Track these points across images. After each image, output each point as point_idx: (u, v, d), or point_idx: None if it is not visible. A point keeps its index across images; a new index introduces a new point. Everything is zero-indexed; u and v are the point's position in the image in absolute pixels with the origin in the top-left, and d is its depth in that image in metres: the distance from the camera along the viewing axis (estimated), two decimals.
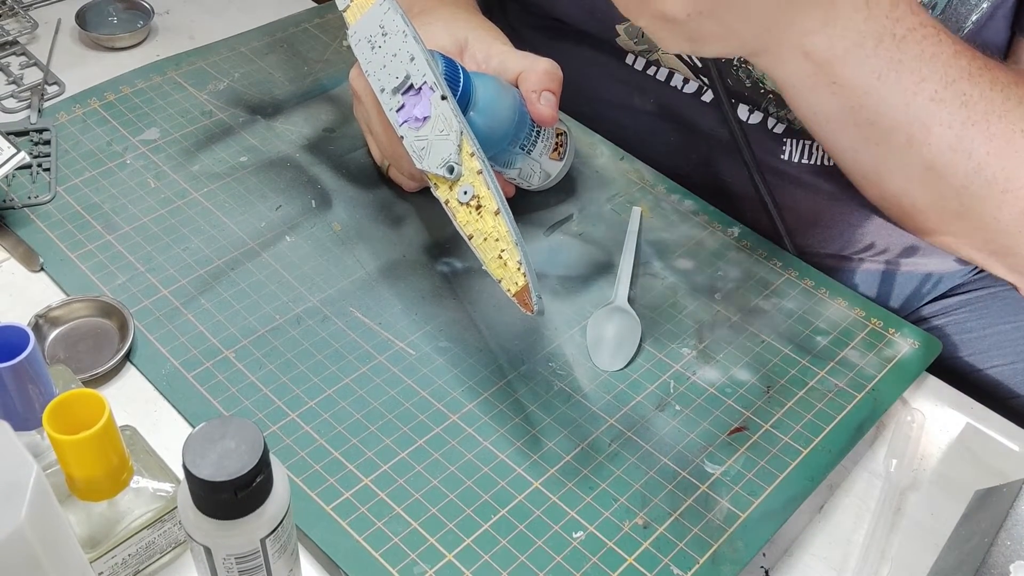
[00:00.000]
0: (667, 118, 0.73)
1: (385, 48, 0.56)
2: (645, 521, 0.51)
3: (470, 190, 0.52)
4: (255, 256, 0.63)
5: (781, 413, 0.57)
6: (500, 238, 0.51)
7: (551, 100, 0.62)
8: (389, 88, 0.55)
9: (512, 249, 0.50)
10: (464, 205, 0.52)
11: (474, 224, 0.52)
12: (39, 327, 0.57)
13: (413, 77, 0.54)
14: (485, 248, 0.51)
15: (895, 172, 0.58)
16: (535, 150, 0.64)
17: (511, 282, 0.50)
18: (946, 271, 0.77)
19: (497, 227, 0.51)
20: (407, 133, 0.55)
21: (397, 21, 0.55)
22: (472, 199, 0.52)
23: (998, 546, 0.47)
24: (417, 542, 0.49)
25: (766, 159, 0.71)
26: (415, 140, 0.54)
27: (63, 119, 0.72)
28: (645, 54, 0.72)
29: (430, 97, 0.54)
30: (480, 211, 0.51)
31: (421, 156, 0.54)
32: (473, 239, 0.52)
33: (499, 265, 0.51)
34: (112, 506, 0.44)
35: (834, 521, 0.54)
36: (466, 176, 0.52)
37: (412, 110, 0.54)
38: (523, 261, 0.50)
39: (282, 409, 0.55)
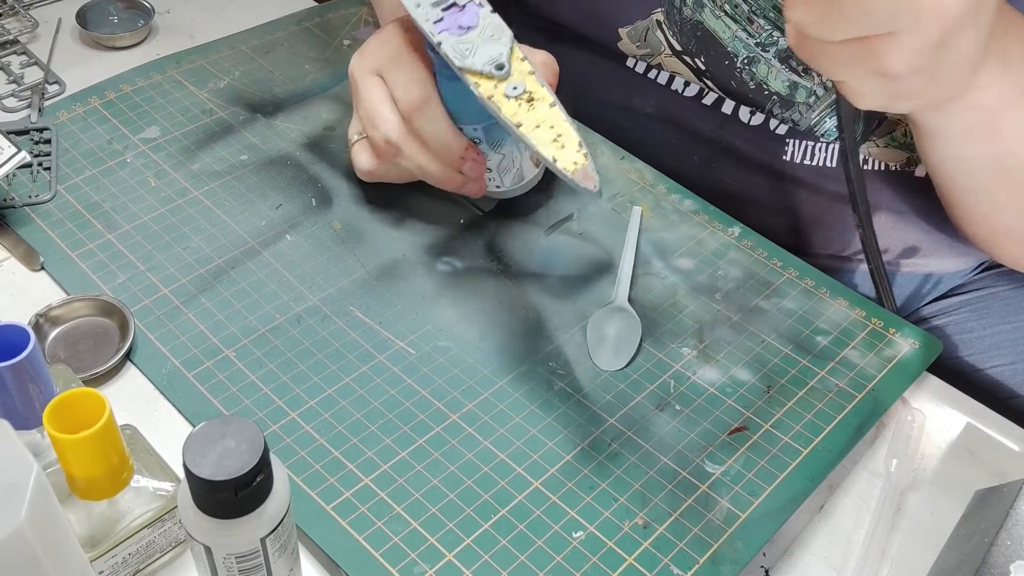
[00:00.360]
0: (667, 121, 0.73)
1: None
2: (645, 521, 0.51)
3: (520, 86, 0.52)
4: (255, 255, 0.63)
5: (781, 413, 0.57)
6: (555, 125, 0.51)
7: None
8: (427, 2, 0.55)
9: (571, 133, 0.51)
10: (512, 99, 0.52)
11: (524, 115, 0.52)
12: (39, 326, 0.57)
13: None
14: (538, 134, 0.51)
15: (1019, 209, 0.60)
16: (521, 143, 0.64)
17: (569, 161, 0.50)
18: (946, 272, 0.77)
19: (554, 116, 0.51)
20: (446, 39, 0.54)
21: None
22: (523, 94, 0.52)
23: (998, 546, 0.47)
24: (417, 542, 0.49)
25: (767, 160, 0.71)
26: (457, 43, 0.54)
27: (63, 118, 0.72)
28: (647, 58, 0.72)
29: (476, 12, 0.54)
30: (532, 103, 0.52)
31: (464, 55, 0.53)
32: (523, 127, 0.52)
33: (556, 147, 0.51)
34: (112, 505, 0.44)
35: (834, 521, 0.54)
36: (515, 76, 0.53)
37: (455, 22, 0.54)
38: (583, 143, 0.50)
39: (282, 408, 0.55)
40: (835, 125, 0.68)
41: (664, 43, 0.69)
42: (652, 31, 0.69)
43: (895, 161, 0.69)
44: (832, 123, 0.68)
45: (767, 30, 0.65)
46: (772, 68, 0.67)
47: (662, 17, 0.69)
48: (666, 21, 0.69)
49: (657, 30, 0.69)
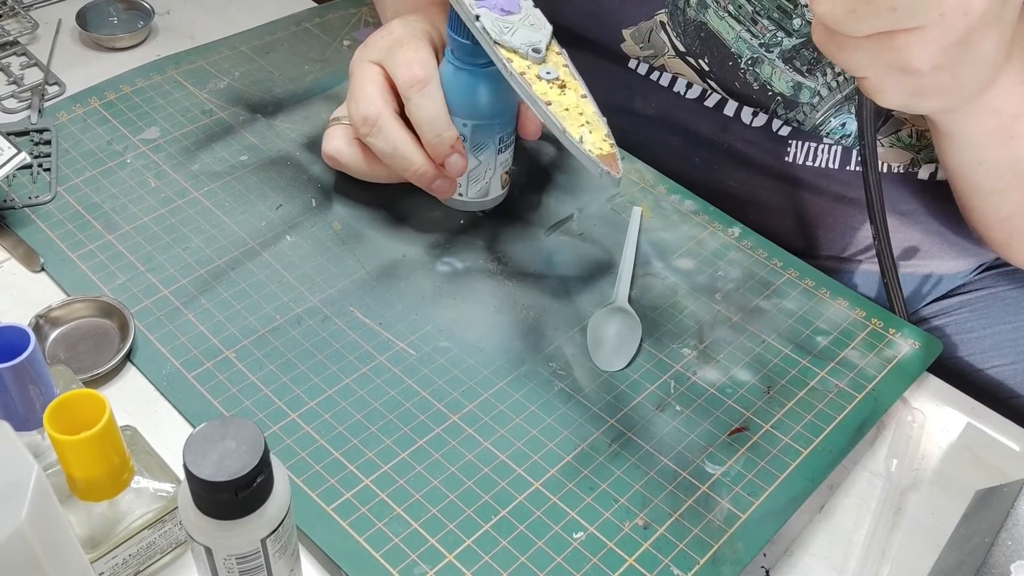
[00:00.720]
0: (669, 123, 0.73)
1: None
2: (645, 522, 0.51)
3: (554, 72, 0.53)
4: (255, 256, 0.63)
5: (781, 413, 0.57)
6: (584, 112, 0.52)
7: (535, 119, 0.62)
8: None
9: (598, 123, 0.51)
10: (543, 81, 0.53)
11: (554, 96, 0.52)
12: (40, 327, 0.57)
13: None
14: (567, 116, 0.52)
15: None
16: (502, 156, 0.63)
17: (595, 147, 0.51)
18: (946, 272, 0.77)
19: (582, 105, 0.52)
20: (486, 14, 0.54)
21: None
22: (556, 79, 0.53)
23: (999, 546, 0.47)
24: (418, 543, 0.49)
25: (769, 161, 0.71)
26: (495, 22, 0.54)
27: (63, 119, 0.72)
28: (649, 59, 0.71)
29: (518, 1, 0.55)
30: (564, 90, 0.52)
31: (503, 31, 0.54)
32: (552, 106, 0.52)
33: (583, 131, 0.51)
34: (113, 506, 0.44)
35: (835, 521, 0.54)
36: (550, 63, 0.53)
37: (497, 3, 0.55)
38: (610, 135, 0.51)
39: (282, 409, 0.55)
40: (841, 124, 0.68)
41: (668, 44, 0.69)
42: (656, 32, 0.69)
43: (899, 161, 0.69)
44: (837, 122, 0.68)
45: (771, 31, 0.65)
46: (776, 69, 0.67)
47: (666, 18, 0.69)
48: (670, 22, 0.69)
49: (661, 31, 0.69)
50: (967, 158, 0.59)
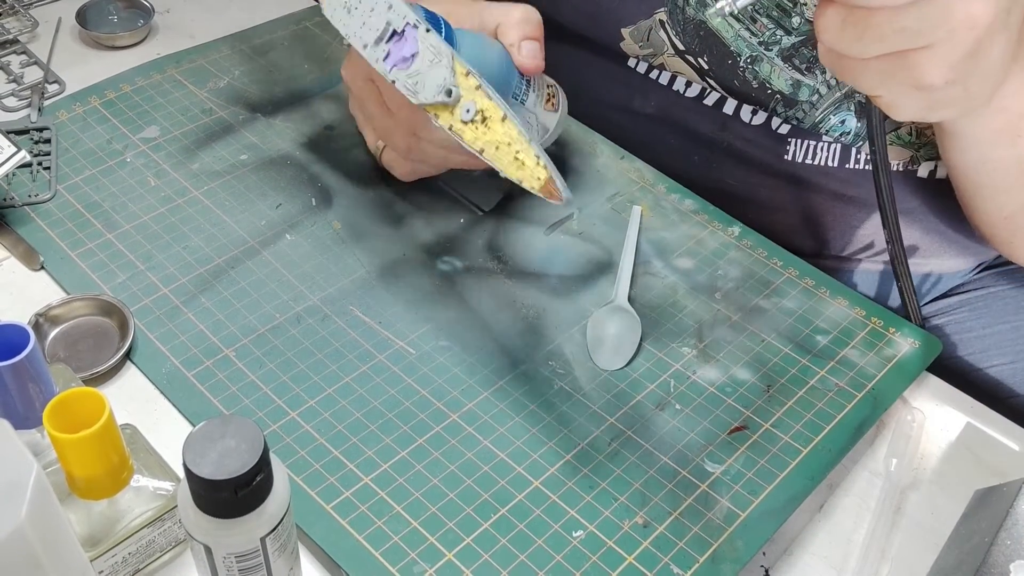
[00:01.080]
0: (668, 121, 0.73)
1: (361, 7, 0.55)
2: (645, 520, 0.51)
3: (471, 106, 0.51)
4: (255, 254, 0.63)
5: (781, 412, 0.57)
6: (512, 141, 0.50)
7: (532, 48, 0.61)
8: (371, 41, 0.54)
9: (526, 147, 0.50)
10: (468, 124, 0.51)
11: (483, 138, 0.51)
12: (39, 326, 0.57)
13: (394, 23, 0.53)
14: (499, 156, 0.51)
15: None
16: (528, 100, 0.63)
17: (533, 178, 0.50)
18: (946, 271, 0.77)
19: (507, 132, 0.50)
20: (398, 76, 0.53)
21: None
22: (476, 115, 0.51)
23: (998, 545, 0.47)
24: (417, 541, 0.49)
25: (769, 160, 0.71)
26: (407, 79, 0.53)
27: (63, 117, 0.72)
28: (649, 58, 0.71)
29: (415, 35, 0.53)
30: (487, 123, 0.51)
31: (416, 91, 0.53)
32: (485, 152, 0.51)
33: (517, 167, 0.50)
34: (112, 505, 0.44)
35: (834, 520, 0.54)
36: (465, 95, 0.51)
37: (399, 52, 0.53)
38: (540, 154, 0.49)
39: (282, 408, 0.55)
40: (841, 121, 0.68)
41: (667, 43, 0.69)
42: (655, 31, 0.69)
43: (899, 159, 0.69)
44: (836, 119, 0.68)
45: (770, 29, 0.65)
46: (775, 67, 0.67)
47: (665, 17, 0.69)
48: (669, 20, 0.69)
49: (660, 30, 0.69)
50: (972, 157, 0.59)
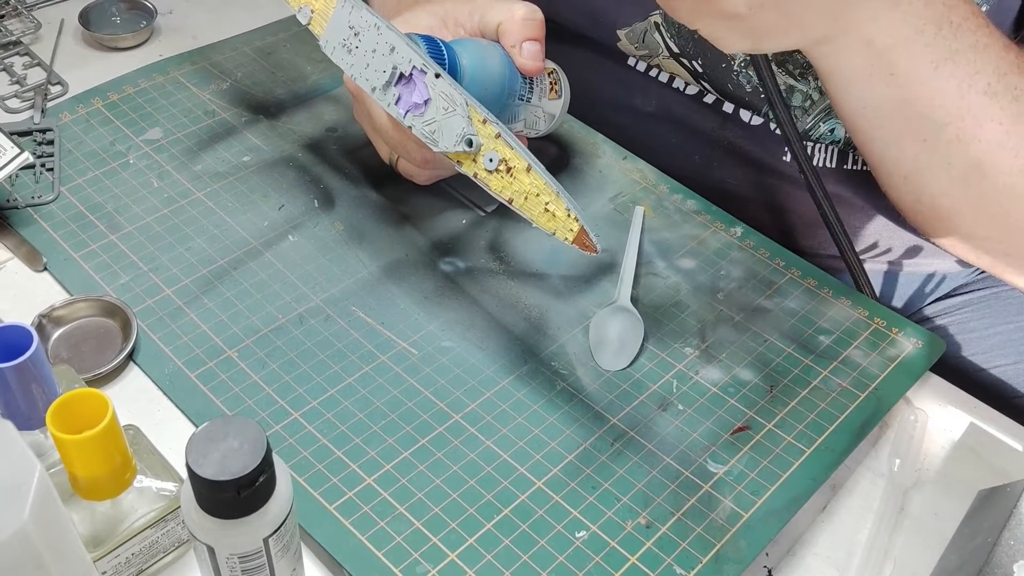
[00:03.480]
0: (669, 120, 0.73)
1: (362, 47, 0.55)
2: (648, 521, 0.51)
3: (494, 156, 0.51)
4: (258, 255, 0.63)
5: (784, 413, 0.57)
6: (540, 192, 0.50)
7: (533, 50, 0.60)
8: (380, 85, 0.54)
9: (556, 199, 0.50)
10: (494, 172, 0.52)
11: (510, 187, 0.51)
12: (42, 327, 0.57)
13: (400, 66, 0.53)
14: (529, 206, 0.51)
15: (939, 170, 0.57)
16: (533, 97, 0.64)
17: (565, 230, 0.50)
18: (949, 271, 0.77)
19: (534, 182, 0.50)
20: (414, 122, 0.54)
21: (365, 16, 0.54)
22: (500, 164, 0.51)
23: (1002, 546, 0.47)
24: (420, 541, 0.49)
25: (768, 161, 0.71)
26: (424, 126, 0.53)
27: (66, 119, 0.72)
28: (646, 59, 0.71)
29: (424, 80, 0.53)
30: (511, 172, 0.51)
31: (435, 140, 0.53)
32: (514, 201, 0.51)
33: (548, 218, 0.50)
34: (115, 505, 0.44)
35: (837, 521, 0.54)
36: (486, 144, 0.51)
37: (410, 98, 0.54)
38: (571, 207, 0.49)
39: (285, 409, 0.55)
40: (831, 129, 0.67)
41: (662, 45, 0.69)
42: (650, 33, 0.69)
43: None
44: (826, 127, 0.67)
45: None
46: None
47: (660, 19, 0.69)
48: (664, 23, 0.69)
49: (655, 32, 0.69)
50: (852, 102, 0.56)
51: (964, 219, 0.59)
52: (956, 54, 0.51)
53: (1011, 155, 0.54)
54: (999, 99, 0.52)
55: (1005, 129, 0.53)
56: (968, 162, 0.55)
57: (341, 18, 0.55)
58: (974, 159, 0.55)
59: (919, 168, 0.58)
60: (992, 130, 0.53)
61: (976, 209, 0.58)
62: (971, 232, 0.60)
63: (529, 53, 0.60)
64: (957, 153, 0.55)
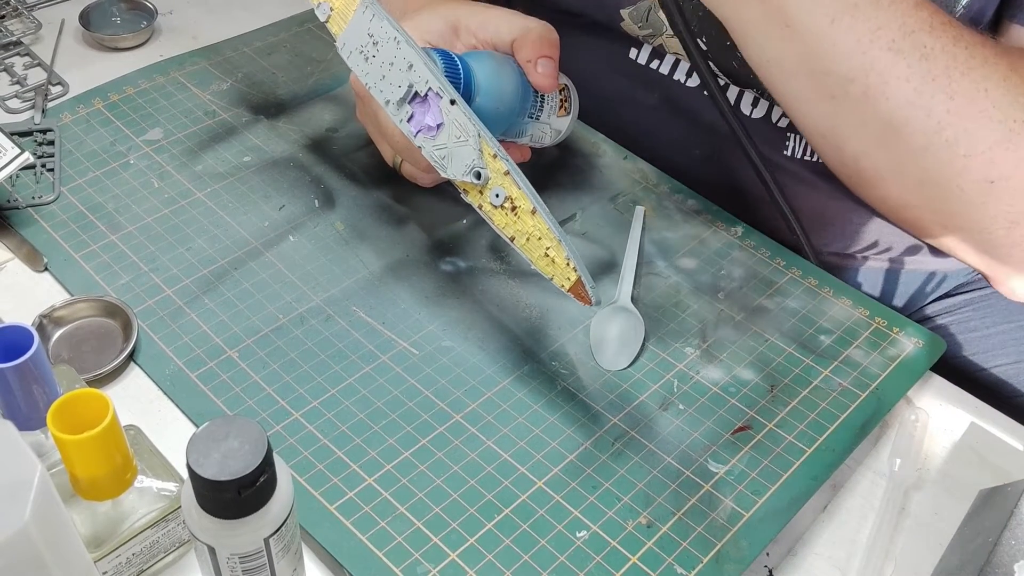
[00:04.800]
0: (670, 112, 0.73)
1: (379, 58, 0.54)
2: (649, 520, 0.51)
3: (501, 192, 0.51)
4: (258, 256, 0.63)
5: (785, 412, 0.57)
6: (542, 236, 0.50)
7: (549, 67, 0.60)
8: (394, 100, 0.53)
9: (557, 246, 0.49)
10: (499, 208, 0.51)
11: (513, 225, 0.51)
12: (43, 327, 0.57)
13: (416, 85, 0.52)
14: (530, 248, 0.51)
15: (853, 130, 0.56)
16: (542, 114, 0.64)
17: (563, 278, 0.50)
18: (950, 269, 0.77)
19: (537, 225, 0.50)
20: (425, 143, 0.53)
21: (386, 27, 0.53)
22: (505, 201, 0.50)
23: (1002, 545, 0.47)
24: (420, 541, 0.49)
25: (769, 155, 0.70)
26: (434, 150, 0.53)
27: (67, 119, 0.72)
28: (649, 39, 0.71)
29: (439, 103, 0.52)
30: (516, 212, 0.50)
31: (444, 165, 0.52)
32: (516, 240, 0.51)
33: (547, 263, 0.50)
34: (116, 506, 0.44)
35: (838, 520, 0.54)
36: (494, 179, 0.51)
37: (423, 119, 0.53)
38: (570, 256, 0.49)
39: (285, 409, 0.55)
40: None
41: (665, 23, 0.69)
42: (654, 11, 0.69)
43: None
44: None
45: None
46: None
47: None
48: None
49: (659, 10, 0.69)
50: (755, 55, 0.56)
51: (890, 186, 0.58)
52: (855, 8, 0.51)
53: (923, 115, 0.53)
54: (905, 56, 0.52)
55: (914, 87, 0.52)
56: (880, 121, 0.54)
57: (361, 24, 0.54)
58: (885, 117, 0.54)
59: (834, 128, 0.57)
60: (899, 87, 0.52)
61: (898, 174, 0.57)
62: (902, 200, 0.59)
63: (544, 70, 0.59)
64: (867, 111, 0.54)
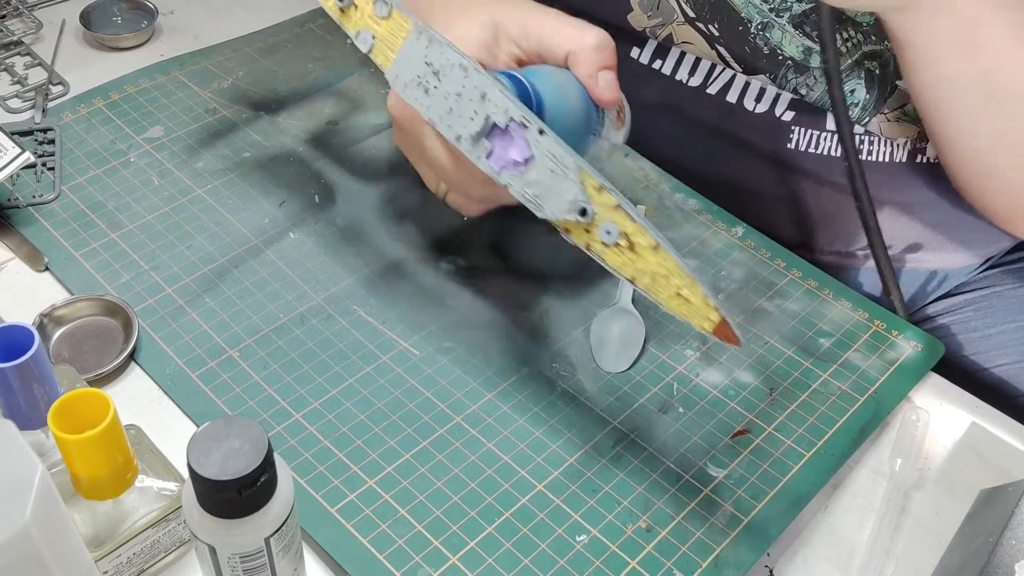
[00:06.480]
0: (671, 111, 0.73)
1: (443, 88, 0.48)
2: (648, 524, 0.51)
3: (613, 228, 0.45)
4: (259, 253, 0.63)
5: (784, 416, 0.57)
6: (670, 273, 0.44)
7: (610, 80, 0.55)
8: (467, 135, 0.48)
9: (691, 284, 0.43)
10: (611, 247, 0.45)
11: (632, 265, 0.45)
12: (44, 326, 0.57)
13: (494, 116, 0.47)
14: (656, 288, 0.45)
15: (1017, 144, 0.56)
16: (603, 130, 0.59)
17: (702, 319, 0.44)
18: (951, 268, 0.77)
19: (662, 263, 0.44)
20: (513, 181, 0.47)
21: (447, 54, 0.48)
22: (619, 237, 0.45)
23: (1003, 545, 0.47)
24: (421, 544, 0.49)
25: (772, 148, 0.70)
26: (525, 188, 0.47)
27: (67, 119, 0.72)
28: (658, 29, 0.70)
29: (523, 135, 0.46)
30: (634, 249, 0.44)
31: (539, 204, 0.47)
32: (637, 281, 0.45)
33: (680, 303, 0.44)
34: (117, 505, 0.44)
35: (839, 520, 0.54)
36: (601, 213, 0.45)
37: (506, 153, 0.47)
38: (708, 293, 0.43)
39: (286, 410, 0.55)
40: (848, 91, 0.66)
41: (677, 10, 0.68)
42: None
43: (905, 135, 0.68)
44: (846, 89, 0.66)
45: None
46: (786, 33, 0.66)
47: None
48: None
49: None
50: (930, 76, 0.56)
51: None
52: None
53: None
54: None
55: None
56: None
57: (415, 52, 0.49)
58: None
59: (995, 143, 0.57)
60: None
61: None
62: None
63: (606, 83, 0.55)
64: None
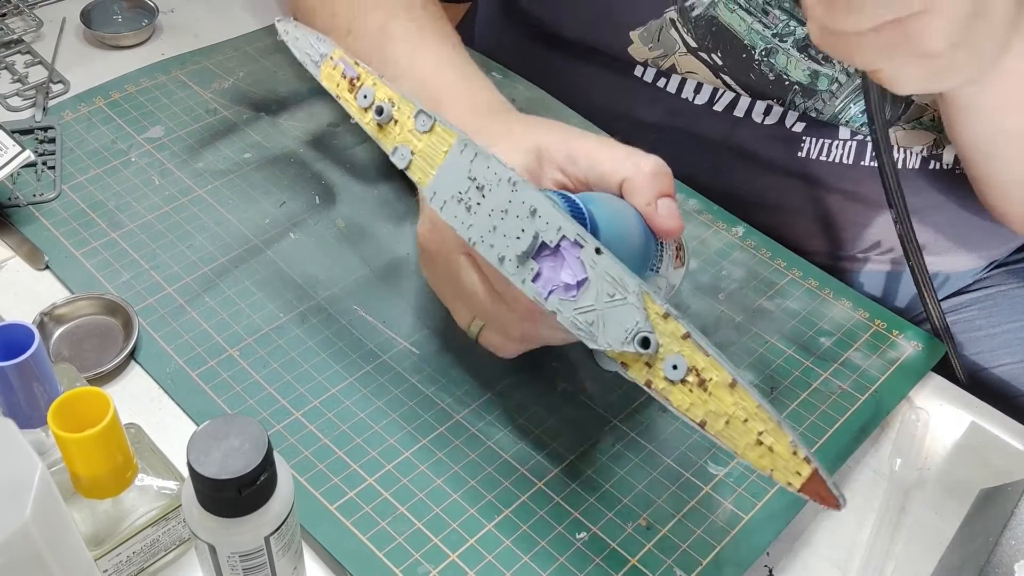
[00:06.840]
0: (674, 130, 0.72)
1: (487, 204, 0.44)
2: (648, 522, 0.51)
3: (680, 363, 0.39)
4: (259, 253, 0.63)
5: (784, 415, 0.56)
6: (750, 417, 0.38)
7: (672, 208, 0.50)
8: (512, 255, 0.43)
9: (776, 429, 0.37)
10: (678, 384, 0.39)
11: (703, 406, 0.39)
12: (44, 325, 0.57)
13: (544, 234, 0.42)
14: (731, 435, 0.38)
15: None
16: (662, 265, 0.52)
17: (789, 473, 0.37)
18: (953, 271, 0.77)
19: (740, 403, 0.38)
20: (562, 307, 0.42)
21: (494, 167, 0.44)
22: (688, 374, 0.39)
23: (1003, 545, 0.47)
24: (421, 542, 0.49)
25: (780, 159, 0.70)
26: (577, 314, 0.42)
27: (68, 117, 0.72)
28: (659, 60, 0.70)
29: (577, 254, 0.41)
30: (705, 387, 0.39)
31: (593, 333, 0.41)
32: (708, 425, 0.39)
33: (761, 453, 0.38)
34: (116, 504, 0.44)
35: (838, 520, 0.54)
36: (667, 345, 0.40)
37: (556, 276, 0.42)
38: (796, 441, 0.37)
39: (286, 408, 0.55)
40: (862, 111, 0.66)
41: (679, 41, 0.69)
42: (666, 30, 0.69)
43: (922, 143, 0.68)
44: (857, 109, 0.66)
45: (783, 20, 0.65)
46: (791, 58, 0.66)
47: (675, 15, 0.68)
48: (679, 19, 0.68)
49: (671, 28, 0.68)
50: (982, 129, 0.56)
51: None
52: None
53: None
54: None
55: None
56: None
57: (458, 166, 0.45)
58: None
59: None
60: None
61: None
62: None
63: (667, 211, 0.50)
64: None
